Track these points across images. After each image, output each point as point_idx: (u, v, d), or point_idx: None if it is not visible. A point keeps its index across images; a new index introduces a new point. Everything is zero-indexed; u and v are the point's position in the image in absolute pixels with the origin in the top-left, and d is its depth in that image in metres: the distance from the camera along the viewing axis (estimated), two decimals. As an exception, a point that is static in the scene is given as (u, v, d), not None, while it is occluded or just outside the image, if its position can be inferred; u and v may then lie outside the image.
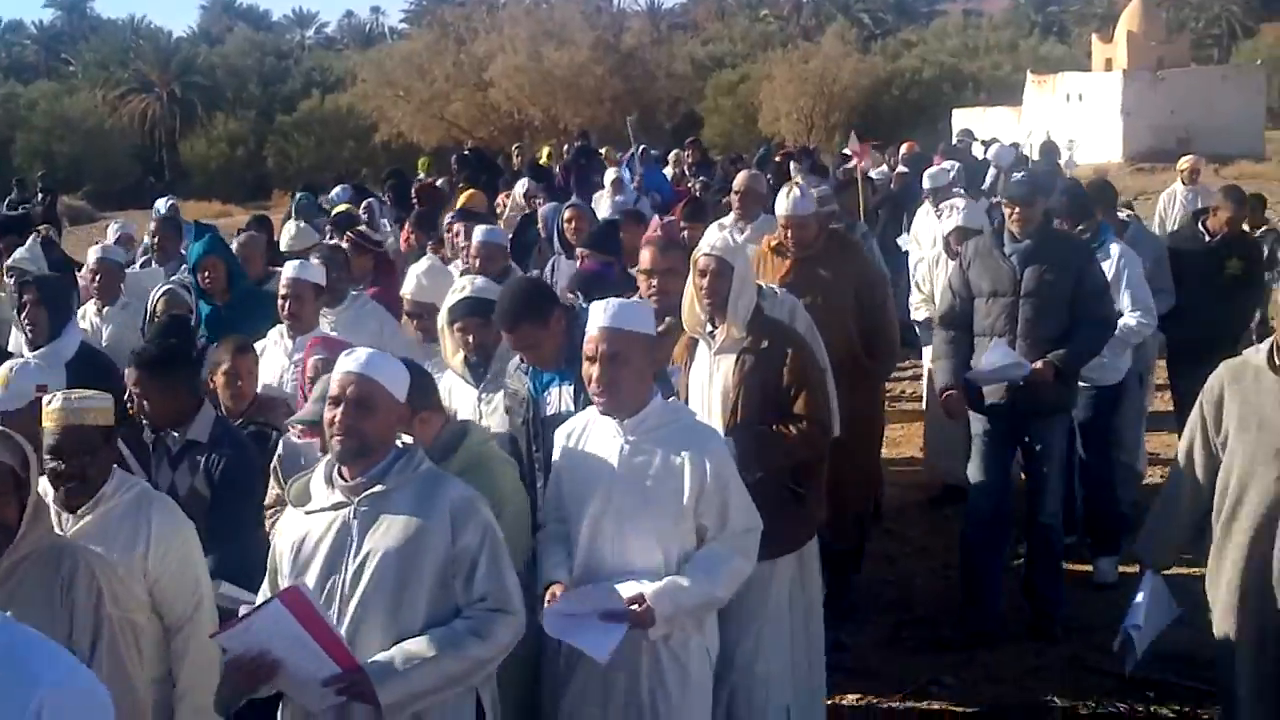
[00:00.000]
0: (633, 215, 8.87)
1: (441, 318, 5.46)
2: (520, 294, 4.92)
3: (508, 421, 5.09)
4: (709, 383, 5.26)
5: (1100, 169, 29.12)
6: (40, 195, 21.12)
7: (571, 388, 4.85)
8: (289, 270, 6.57)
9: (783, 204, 6.95)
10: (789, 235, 6.93)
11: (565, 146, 21.58)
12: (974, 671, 6.47)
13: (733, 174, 15.88)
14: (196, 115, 49.99)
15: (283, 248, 8.96)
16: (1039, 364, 6.41)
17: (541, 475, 4.85)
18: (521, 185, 13.59)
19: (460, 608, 3.72)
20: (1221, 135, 30.74)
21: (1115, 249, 7.47)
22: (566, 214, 9.55)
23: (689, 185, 15.91)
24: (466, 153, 20.11)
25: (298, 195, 14.70)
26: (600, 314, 4.16)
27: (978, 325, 6.64)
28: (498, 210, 12.72)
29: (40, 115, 48.65)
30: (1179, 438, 8.21)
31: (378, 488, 3.72)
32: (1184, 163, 13.89)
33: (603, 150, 20.78)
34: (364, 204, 14.06)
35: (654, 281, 5.72)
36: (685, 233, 8.79)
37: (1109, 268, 7.20)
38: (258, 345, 6.44)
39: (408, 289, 6.29)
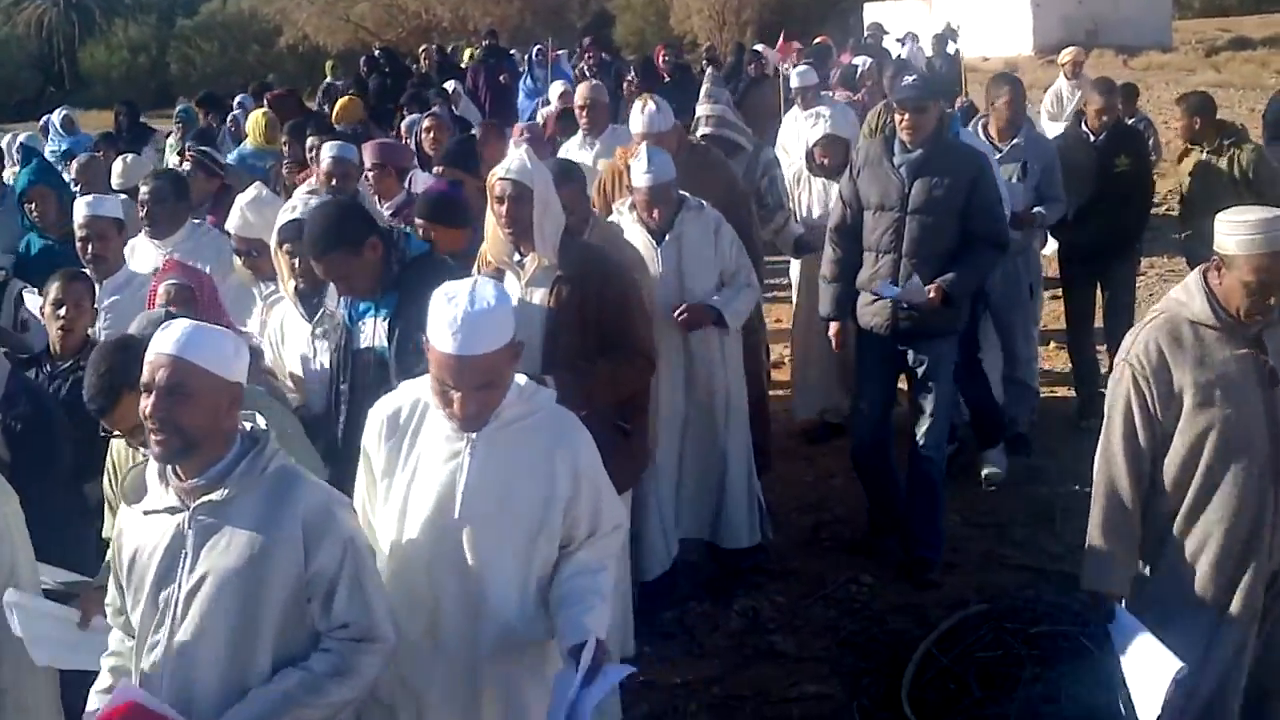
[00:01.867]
0: (492, 128, 8.47)
1: (273, 239, 5.21)
2: (329, 219, 4.54)
3: None
4: (521, 315, 4.68)
5: (1010, 62, 29.12)
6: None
7: (386, 321, 4.56)
8: (82, 208, 6.07)
9: (637, 120, 6.72)
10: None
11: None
12: (891, 570, 6.58)
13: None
14: (95, 21, 48.54)
15: (114, 185, 8.33)
16: (930, 290, 6.19)
17: (345, 409, 4.63)
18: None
19: (319, 634, 3.27)
20: (1129, 26, 30.74)
21: (974, 142, 7.29)
22: (425, 123, 9.16)
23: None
24: (376, 54, 19.58)
25: (178, 108, 14.27)
26: (448, 339, 3.34)
27: (865, 239, 6.42)
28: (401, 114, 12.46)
29: (-68, 25, 47.10)
30: (1072, 352, 8.52)
31: (217, 494, 3.20)
32: (1065, 55, 13.39)
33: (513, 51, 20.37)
34: (230, 117, 13.59)
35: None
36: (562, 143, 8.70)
37: None
38: (129, 252, 6.27)
39: (232, 223, 5.88)
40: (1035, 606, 5.92)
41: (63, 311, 5.08)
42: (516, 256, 4.94)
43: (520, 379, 3.56)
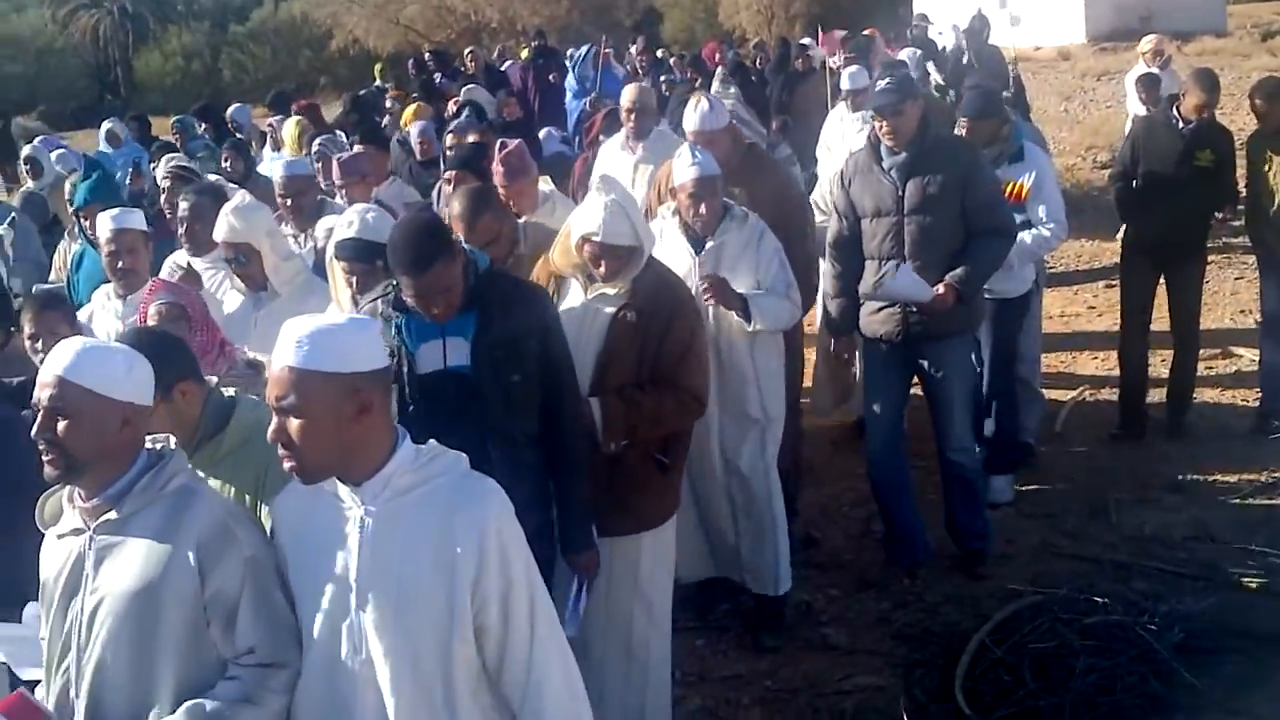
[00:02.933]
0: (498, 131, 8.21)
1: (329, 252, 5.12)
2: (422, 231, 4.16)
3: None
4: (580, 330, 4.75)
5: (1063, 50, 28.90)
6: (-8, 119, 20.81)
7: (467, 339, 4.20)
8: (107, 221, 5.98)
9: (690, 119, 6.46)
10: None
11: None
12: (945, 561, 6.57)
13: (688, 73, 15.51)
14: (149, 29, 49.09)
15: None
16: (940, 288, 6.02)
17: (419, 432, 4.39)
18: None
19: (224, 662, 3.05)
20: (1182, 11, 30.36)
21: (1033, 153, 7.06)
22: (449, 140, 8.87)
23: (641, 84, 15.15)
24: (426, 56, 19.47)
25: (175, 118, 13.92)
26: (288, 350, 2.88)
27: (866, 248, 6.26)
28: (446, 115, 12.37)
29: (-12, 36, 47.75)
30: (1123, 350, 8.23)
31: (112, 513, 3.05)
32: (1146, 44, 13.25)
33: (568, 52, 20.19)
34: (268, 124, 13.24)
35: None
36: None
37: (1024, 173, 6.87)
38: (84, 311, 5.99)
39: (219, 231, 5.58)
40: (1089, 597, 5.87)
41: (39, 345, 4.79)
42: (588, 269, 4.81)
43: (430, 445, 3.03)
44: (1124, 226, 8.57)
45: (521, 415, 4.25)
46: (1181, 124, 7.81)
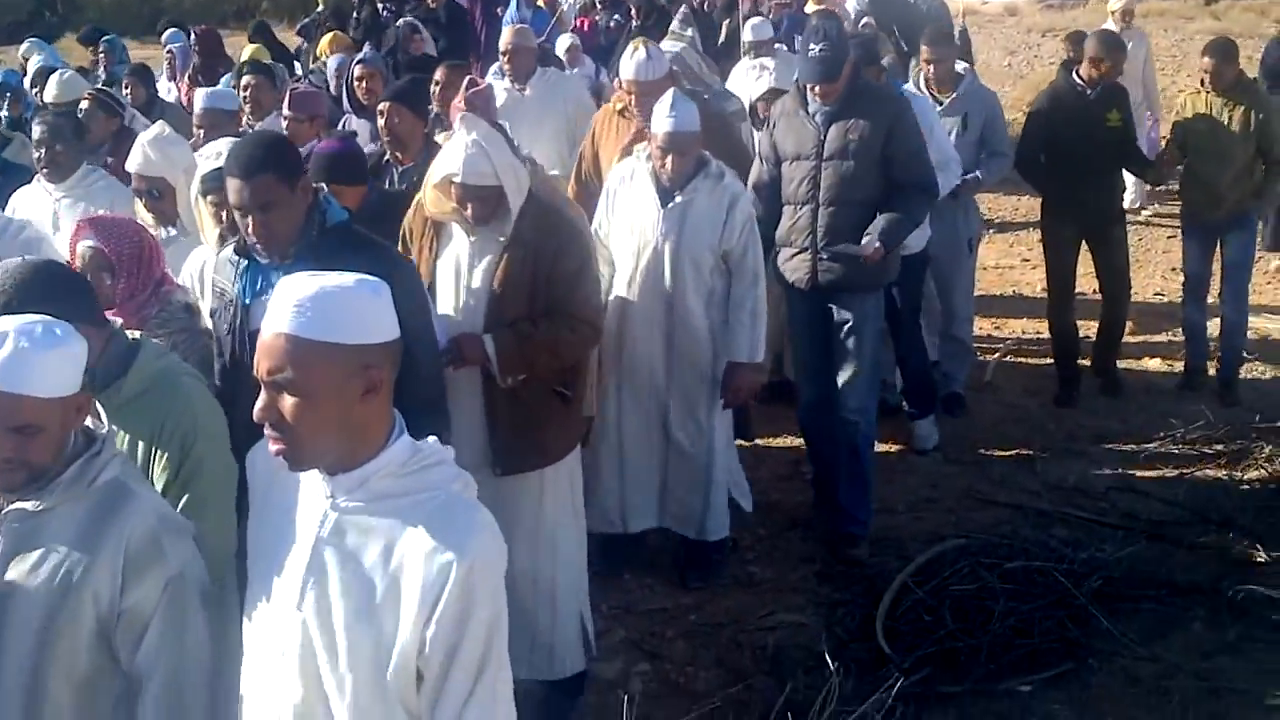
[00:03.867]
0: (455, 67, 7.68)
1: (195, 187, 4.91)
2: (263, 142, 4.00)
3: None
4: (467, 272, 4.69)
5: (1010, 6, 28.98)
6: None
7: None
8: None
9: (627, 67, 6.35)
10: (634, 101, 6.31)
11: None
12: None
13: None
14: (89, -58, 48.07)
15: (47, 99, 8.28)
16: (865, 245, 5.85)
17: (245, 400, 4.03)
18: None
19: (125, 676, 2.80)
20: (1131, -30, 30.65)
21: (918, 102, 6.87)
22: (357, 71, 8.41)
23: (594, 19, 14.25)
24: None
25: (104, 40, 13.08)
26: (285, 315, 2.44)
27: (784, 192, 6.14)
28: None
29: (-81, -58, 46.57)
30: (1052, 321, 8.12)
31: (33, 503, 2.78)
32: (1116, 3, 12.84)
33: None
34: (167, 50, 12.51)
35: None
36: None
37: None
38: (15, 200, 6.05)
39: (134, 162, 5.38)
40: (1011, 543, 5.96)
41: None
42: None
43: (430, 441, 2.60)
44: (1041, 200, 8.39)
45: None
46: (1087, 89, 7.74)
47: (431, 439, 2.59)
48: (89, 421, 2.92)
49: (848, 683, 4.86)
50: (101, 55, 12.78)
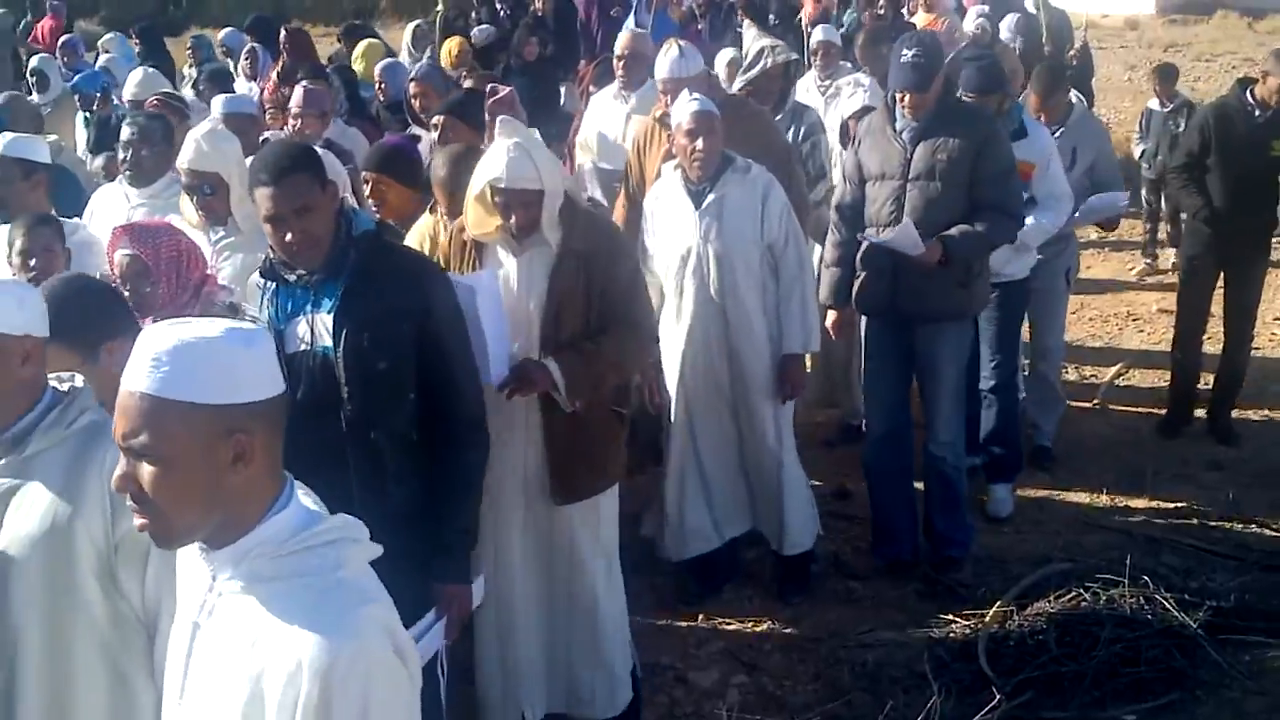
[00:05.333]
0: (489, 78, 7.57)
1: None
2: (290, 146, 3.88)
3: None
4: (517, 293, 4.48)
5: (1131, 20, 28.48)
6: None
7: (330, 314, 3.72)
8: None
9: (661, 66, 6.21)
10: (669, 102, 6.06)
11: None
12: (975, 524, 6.55)
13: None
14: (214, -59, 48.99)
15: (125, 96, 8.30)
16: (927, 244, 5.63)
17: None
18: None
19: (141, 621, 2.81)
20: (1258, -14, 29.98)
21: (1036, 132, 6.65)
22: (412, 88, 8.15)
23: (697, 29, 14.01)
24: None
25: (194, 37, 13.10)
26: (141, 370, 2.11)
27: (866, 214, 5.93)
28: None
29: (55, -63, 47.79)
30: (1178, 351, 7.83)
31: (14, 455, 2.83)
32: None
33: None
34: (246, 49, 12.17)
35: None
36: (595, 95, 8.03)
37: (1029, 151, 6.43)
38: (95, 199, 5.99)
39: (184, 157, 5.17)
40: (1119, 568, 5.85)
41: (33, 262, 4.59)
42: (512, 228, 4.45)
43: (329, 521, 2.21)
44: (1185, 221, 8.12)
45: (386, 413, 3.76)
46: (1258, 111, 7.38)
47: (337, 519, 2.20)
48: (63, 384, 2.92)
49: (948, 703, 4.81)
50: (189, 53, 12.78)
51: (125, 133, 5.93)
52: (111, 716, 2.82)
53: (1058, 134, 7.06)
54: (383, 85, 9.46)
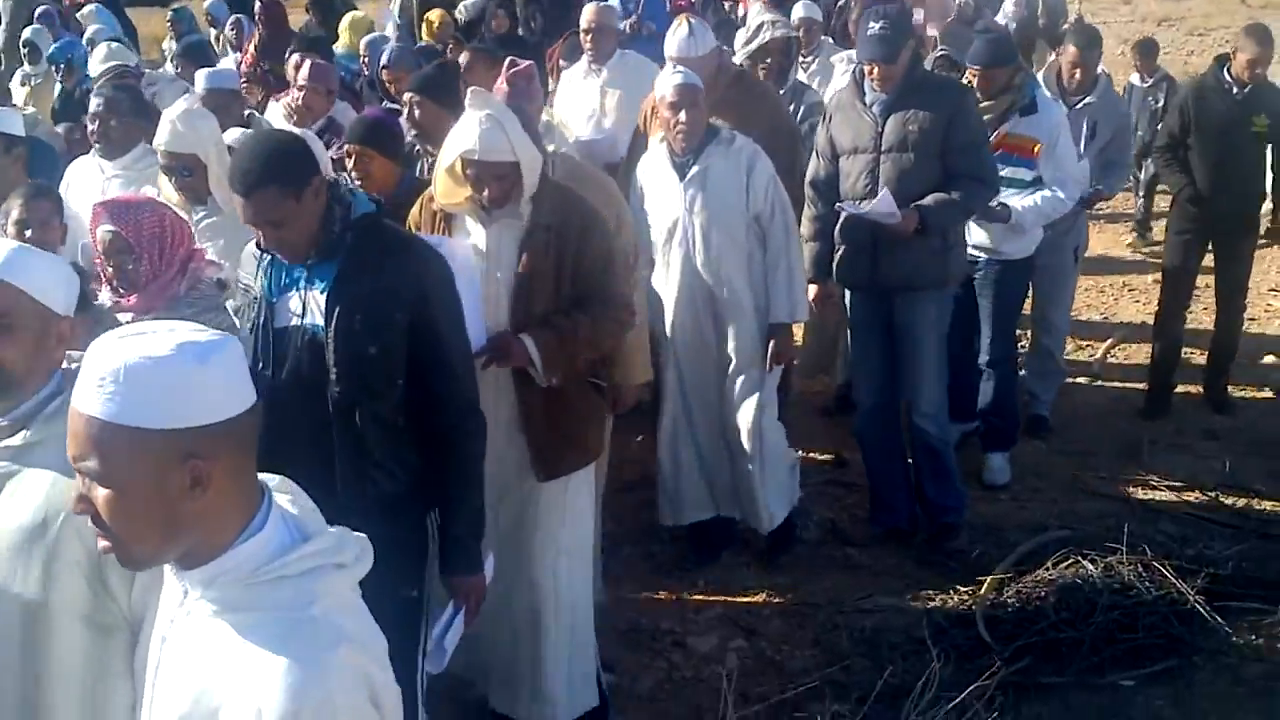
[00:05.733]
0: (482, 53, 7.34)
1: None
2: (263, 148, 3.59)
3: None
4: (486, 265, 4.34)
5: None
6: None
7: (323, 293, 3.62)
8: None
9: (670, 43, 6.12)
10: None
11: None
12: (972, 491, 6.58)
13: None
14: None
15: (91, 71, 8.06)
16: (904, 213, 5.62)
17: (270, 402, 3.66)
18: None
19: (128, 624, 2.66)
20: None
21: (1047, 106, 6.54)
22: (385, 76, 8.11)
23: (690, 1, 13.41)
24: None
25: (174, 8, 12.74)
26: (89, 390, 1.95)
27: (841, 188, 5.89)
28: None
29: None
30: (1160, 327, 7.63)
31: (18, 437, 2.69)
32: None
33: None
34: (231, 20, 12.07)
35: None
36: (565, 72, 7.94)
37: (1037, 128, 6.38)
38: (70, 171, 5.87)
39: (160, 138, 5.05)
40: (1116, 535, 5.86)
41: (29, 234, 4.47)
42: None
43: (309, 546, 2.03)
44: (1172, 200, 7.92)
45: (373, 397, 3.64)
46: (1235, 88, 7.34)
47: (315, 544, 2.03)
48: (73, 364, 2.75)
49: (947, 669, 4.81)
50: (169, 25, 12.56)
51: (93, 104, 5.83)
52: (87, 714, 2.68)
53: (1081, 103, 7.03)
54: (366, 60, 9.31)
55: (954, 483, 6.19)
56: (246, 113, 6.77)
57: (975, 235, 6.42)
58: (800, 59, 8.40)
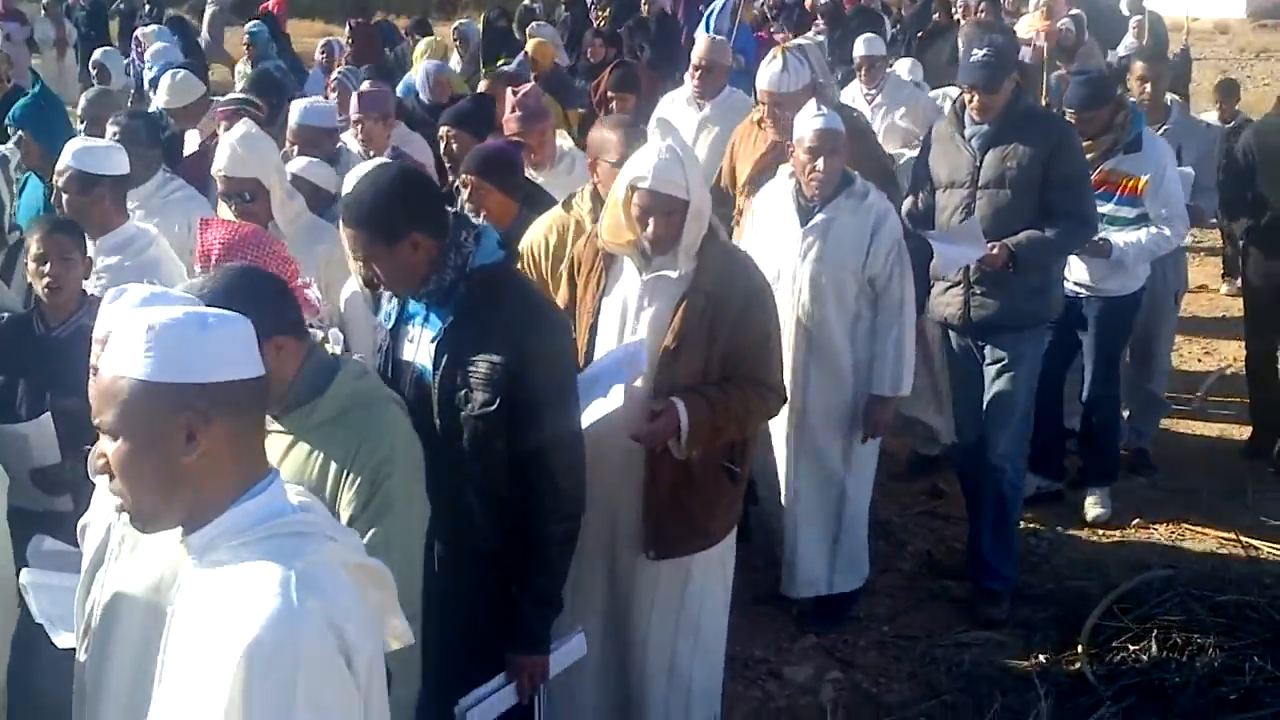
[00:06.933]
0: (506, 78, 7.11)
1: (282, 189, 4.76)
2: (372, 189, 3.49)
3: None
4: (635, 317, 4.19)
5: (1220, 24, 28.09)
6: (146, 6, 21.02)
7: (433, 340, 3.58)
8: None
9: (762, 76, 5.97)
10: (769, 113, 5.97)
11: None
12: (1076, 524, 6.46)
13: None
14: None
15: (158, 104, 7.74)
16: (994, 246, 5.46)
17: None
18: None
19: None
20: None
21: (1153, 143, 6.39)
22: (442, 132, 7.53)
23: (770, 31, 14.04)
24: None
25: (249, 29, 12.20)
26: (107, 351, 2.18)
27: (937, 222, 5.74)
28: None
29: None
30: (1253, 383, 7.51)
31: None
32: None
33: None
34: (322, 43, 11.76)
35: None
36: (614, 103, 7.71)
37: (1141, 165, 6.27)
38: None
39: (220, 162, 4.92)
40: (1222, 575, 5.75)
41: (48, 268, 4.33)
42: (644, 245, 4.15)
43: (310, 510, 2.24)
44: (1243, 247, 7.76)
45: (474, 458, 3.55)
46: None
47: (314, 515, 2.19)
48: None
49: (1049, 706, 4.74)
50: (245, 48, 12.28)
51: (109, 133, 5.67)
52: None
53: (1160, 130, 6.87)
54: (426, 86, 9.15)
55: (1011, 545, 5.91)
56: (337, 146, 6.64)
57: (1076, 272, 6.31)
58: (864, 92, 8.51)
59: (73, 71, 17.10)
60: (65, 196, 5.03)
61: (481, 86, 6.79)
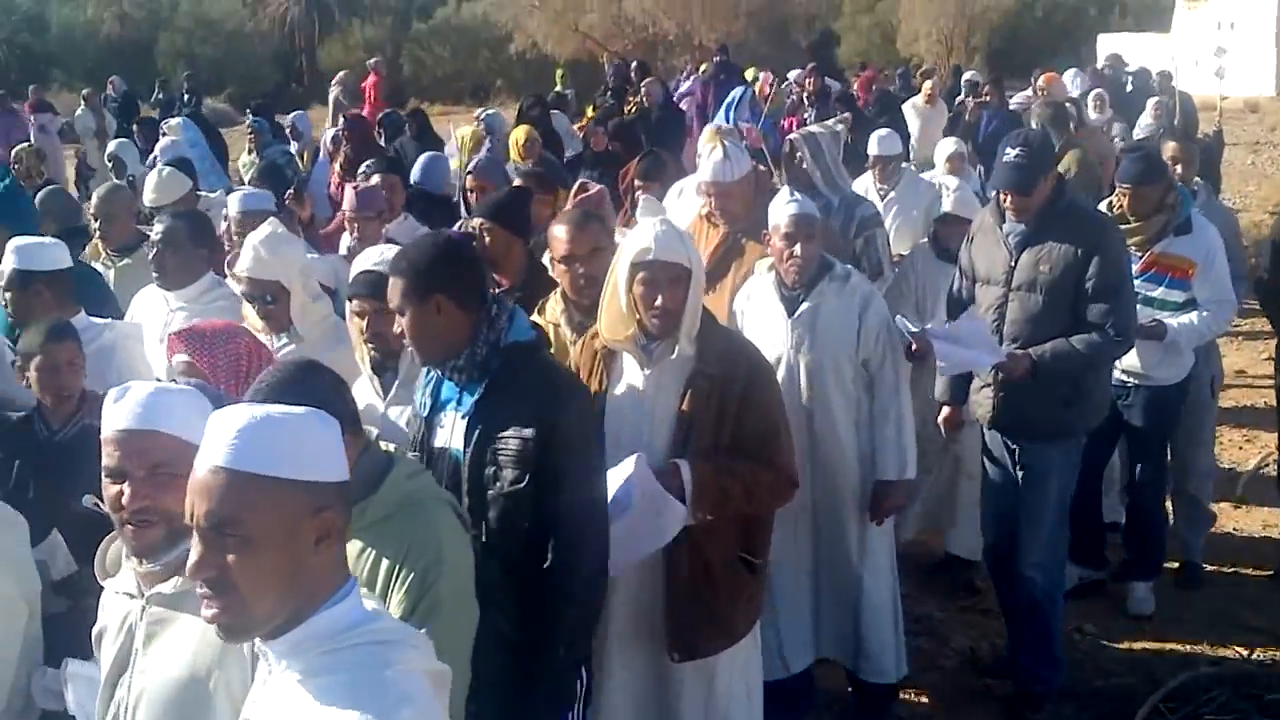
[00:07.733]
0: (537, 179, 7.07)
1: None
2: (417, 247, 3.71)
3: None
4: (641, 408, 4.19)
5: (1250, 102, 28.12)
6: (185, 96, 21.40)
7: (464, 418, 3.64)
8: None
9: (705, 168, 5.88)
10: (714, 204, 5.87)
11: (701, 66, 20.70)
12: (1117, 620, 6.40)
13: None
14: (335, 20, 50.16)
15: (145, 202, 7.60)
16: (1016, 351, 5.30)
17: None
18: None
19: None
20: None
21: (1202, 226, 6.28)
22: (469, 182, 7.72)
23: (803, 118, 14.34)
24: (627, 62, 17.41)
25: (250, 118, 12.59)
26: (221, 446, 2.08)
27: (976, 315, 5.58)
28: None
29: (183, 16, 49.16)
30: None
31: (170, 584, 2.65)
32: None
33: (748, 73, 19.24)
34: (331, 135, 11.70)
35: (580, 269, 4.71)
36: (640, 192, 7.54)
37: (1192, 248, 6.17)
38: (135, 302, 5.71)
39: (243, 264, 4.93)
40: (1271, 672, 5.66)
41: (60, 378, 4.37)
42: (643, 339, 4.17)
43: (391, 621, 2.24)
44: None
45: (500, 536, 3.56)
46: None
47: (386, 619, 2.17)
48: None
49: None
50: (249, 137, 12.61)
51: (154, 232, 5.67)
52: None
53: None
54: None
55: (1052, 647, 5.71)
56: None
57: (1126, 359, 6.01)
58: (878, 187, 8.52)
59: (111, 162, 17.37)
60: (8, 295, 5.08)
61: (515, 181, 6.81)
